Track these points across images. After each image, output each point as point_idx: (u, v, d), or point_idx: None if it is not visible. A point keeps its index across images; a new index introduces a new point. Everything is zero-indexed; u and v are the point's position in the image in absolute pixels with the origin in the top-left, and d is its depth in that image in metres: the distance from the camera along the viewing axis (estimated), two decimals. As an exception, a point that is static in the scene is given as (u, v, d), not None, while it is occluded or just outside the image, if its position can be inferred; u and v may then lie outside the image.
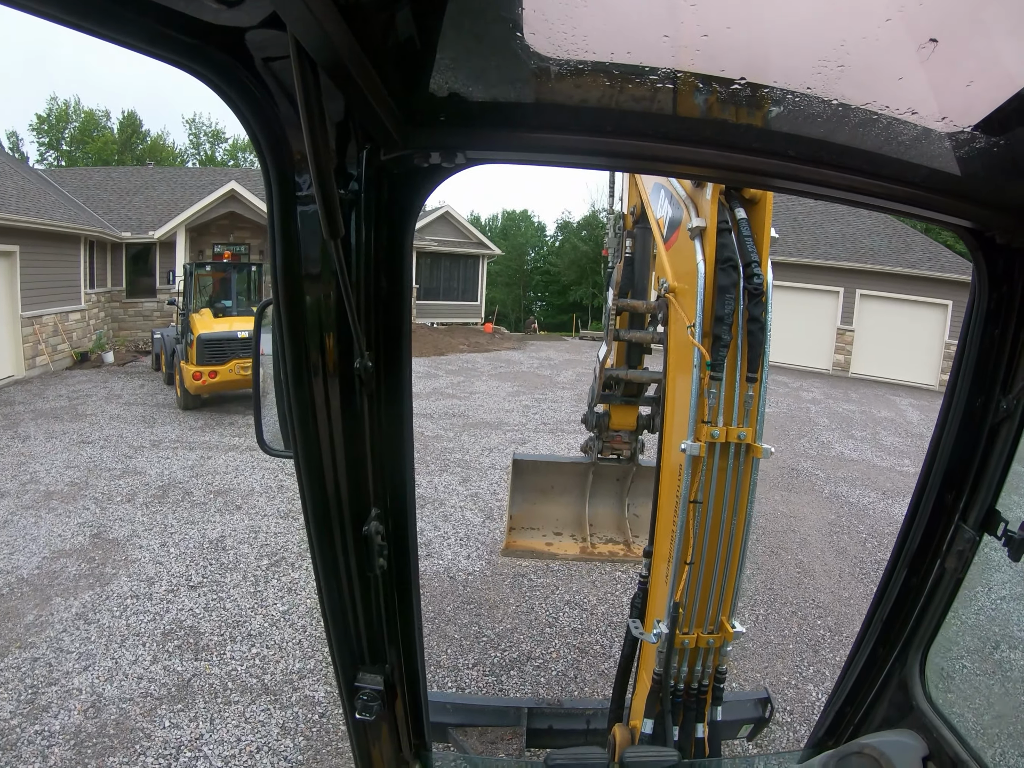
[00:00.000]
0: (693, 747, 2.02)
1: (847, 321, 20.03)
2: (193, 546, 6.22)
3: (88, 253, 16.37)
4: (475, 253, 26.53)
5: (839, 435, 12.14)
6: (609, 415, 3.59)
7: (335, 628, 1.33)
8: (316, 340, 1.06)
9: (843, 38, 0.83)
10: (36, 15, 0.68)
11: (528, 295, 46.34)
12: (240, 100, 0.87)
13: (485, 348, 21.00)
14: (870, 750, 1.57)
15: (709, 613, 1.89)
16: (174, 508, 7.13)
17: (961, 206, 1.22)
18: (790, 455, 10.46)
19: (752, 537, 1.88)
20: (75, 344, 15.48)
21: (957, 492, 1.55)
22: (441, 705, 3.22)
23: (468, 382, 15.27)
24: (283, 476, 8.12)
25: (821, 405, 15.00)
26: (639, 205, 3.23)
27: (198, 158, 42.32)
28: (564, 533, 4.11)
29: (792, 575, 6.23)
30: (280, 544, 6.36)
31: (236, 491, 7.63)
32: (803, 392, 16.42)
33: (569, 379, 16.43)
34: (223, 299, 13.12)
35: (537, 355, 20.54)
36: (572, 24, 0.83)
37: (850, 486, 9.12)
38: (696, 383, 1.71)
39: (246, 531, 6.58)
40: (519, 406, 12.99)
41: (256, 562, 5.96)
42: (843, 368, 19.97)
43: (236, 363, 10.77)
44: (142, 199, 20.47)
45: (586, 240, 41.21)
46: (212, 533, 6.54)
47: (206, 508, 7.13)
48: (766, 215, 1.72)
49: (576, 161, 1.15)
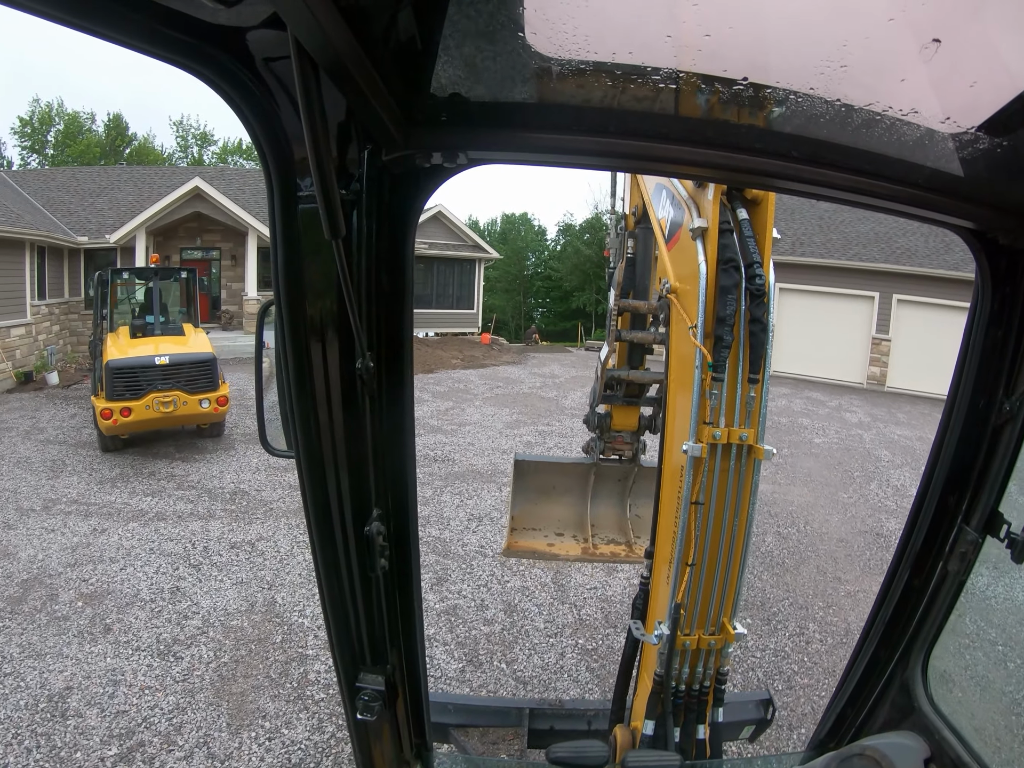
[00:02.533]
0: (694, 748, 2.01)
1: (883, 329, 17.81)
2: (23, 706, 4.10)
3: (36, 260, 14.79)
4: (471, 257, 24.40)
5: (911, 475, 9.85)
6: (611, 416, 3.59)
7: (336, 628, 1.33)
8: (318, 340, 1.06)
9: (846, 38, 0.83)
10: (37, 15, 0.68)
11: (528, 302, 44.97)
12: (241, 100, 0.87)
13: (481, 363, 18.77)
14: (872, 752, 1.56)
15: (710, 614, 1.88)
16: (24, 624, 5.04)
17: (964, 207, 1.21)
18: (866, 509, 8.42)
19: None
20: (19, 363, 13.66)
21: (960, 494, 1.55)
22: (442, 705, 3.22)
23: (458, 408, 12.92)
24: (184, 569, 6.06)
25: (872, 431, 12.90)
26: (641, 205, 3.23)
27: (186, 161, 41.27)
28: (566, 534, 4.10)
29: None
30: (143, 714, 4.07)
31: (115, 596, 5.53)
32: (846, 413, 14.47)
33: (578, 402, 13.78)
34: (146, 315, 10.64)
35: (539, 371, 18.19)
36: (574, 24, 0.83)
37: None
38: (698, 384, 1.71)
39: (103, 681, 4.40)
40: (519, 444, 10.67)
41: (100, 749, 3.77)
42: (878, 381, 17.86)
43: (155, 397, 8.72)
44: (105, 201, 19.00)
45: (589, 243, 39.92)
46: (57, 681, 4.37)
47: (65, 627, 5.02)
48: (768, 216, 1.72)
49: (578, 161, 1.15)
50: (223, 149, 42.93)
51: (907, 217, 1.27)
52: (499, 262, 33.11)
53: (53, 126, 37.68)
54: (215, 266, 19.75)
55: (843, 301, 18.08)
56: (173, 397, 8.87)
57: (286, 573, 6.09)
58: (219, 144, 43.18)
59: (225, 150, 42.74)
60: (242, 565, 6.23)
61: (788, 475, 9.66)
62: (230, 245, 19.26)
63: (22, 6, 0.66)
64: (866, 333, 18.07)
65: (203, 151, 42.67)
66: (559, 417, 12.61)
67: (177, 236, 18.76)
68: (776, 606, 5.87)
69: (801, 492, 9.01)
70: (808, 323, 17.70)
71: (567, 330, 38.63)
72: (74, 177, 20.51)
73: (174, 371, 8.97)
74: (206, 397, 9.20)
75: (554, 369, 18.63)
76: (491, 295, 39.24)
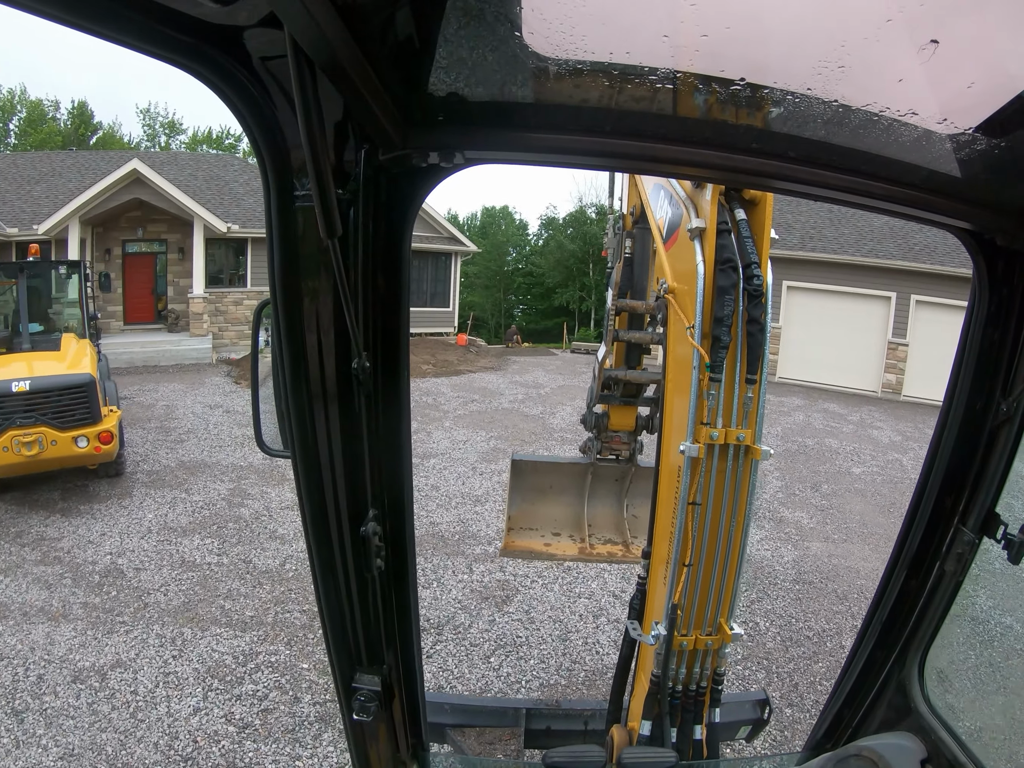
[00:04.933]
0: (691, 749, 2.01)
1: (899, 333, 15.96)
2: None
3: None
4: (446, 250, 22.15)
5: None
6: (608, 416, 3.59)
7: (332, 629, 1.32)
8: (314, 340, 1.06)
9: (843, 39, 0.83)
10: (34, 14, 0.68)
11: (509, 299, 42.66)
12: (238, 99, 0.87)
13: (455, 369, 16.42)
14: (868, 752, 1.57)
15: (707, 615, 1.89)
16: None
17: (961, 208, 1.22)
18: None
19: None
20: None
21: (956, 495, 1.55)
22: (439, 706, 3.22)
23: (423, 432, 10.57)
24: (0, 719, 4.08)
25: (909, 455, 11.16)
26: (639, 205, 3.23)
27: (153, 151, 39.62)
28: (563, 534, 4.11)
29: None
30: None
31: None
32: (872, 430, 13.07)
33: (568, 421, 11.45)
34: (8, 324, 8.43)
35: (521, 378, 15.85)
36: (571, 24, 0.82)
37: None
38: (695, 384, 1.71)
39: None
40: (496, 484, 8.29)
41: None
42: (894, 390, 16.13)
43: (13, 435, 6.50)
44: (44, 188, 16.73)
45: (573, 238, 38.08)
46: None
47: None
48: (766, 216, 1.72)
49: (575, 161, 1.15)
50: (193, 139, 40.51)
51: (904, 218, 1.27)
52: (479, 257, 31.35)
53: (15, 114, 35.80)
54: (161, 260, 17.85)
55: (857, 301, 16.32)
56: (38, 435, 6.62)
57: (137, 739, 3.96)
58: (188, 133, 40.98)
59: (195, 140, 40.47)
60: (80, 717, 4.13)
61: (839, 525, 8.15)
62: (177, 237, 17.16)
63: (20, 5, 0.65)
64: (882, 337, 16.30)
65: (171, 140, 40.43)
66: (546, 442, 10.48)
67: (119, 227, 16.64)
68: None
69: (862, 552, 7.38)
70: (819, 325, 16.46)
71: (549, 329, 36.99)
72: (14, 163, 18.28)
73: (40, 400, 6.73)
74: (83, 434, 6.92)
75: (538, 377, 16.30)
76: (470, 292, 37.72)
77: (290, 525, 7.12)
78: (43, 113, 36.49)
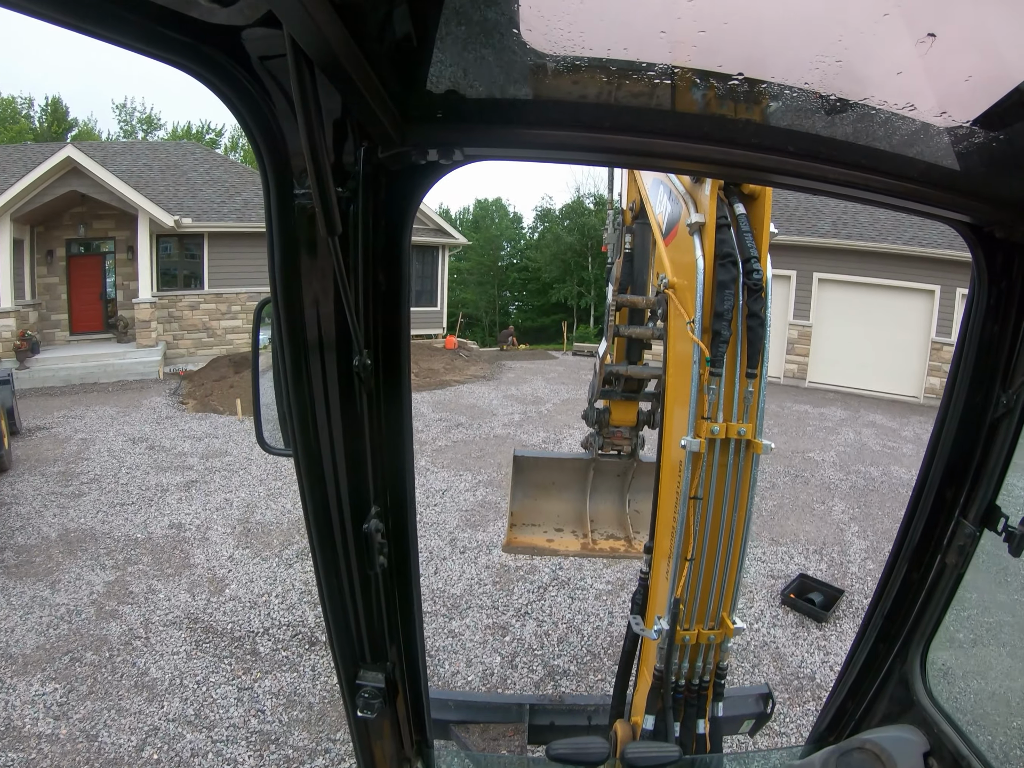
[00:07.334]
0: (695, 743, 2.02)
1: (944, 331, 14.04)
2: None
3: None
4: (433, 243, 19.93)
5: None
6: (609, 411, 3.59)
7: (336, 626, 1.33)
8: (315, 338, 1.06)
9: (841, 33, 0.83)
10: (31, 15, 0.68)
11: (503, 295, 39.80)
12: (237, 99, 0.87)
13: (440, 380, 14.16)
14: (871, 745, 1.57)
15: (710, 609, 1.89)
16: None
17: (960, 201, 1.21)
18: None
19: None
20: None
21: (957, 487, 1.55)
22: (443, 702, 3.24)
23: None
24: None
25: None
26: (638, 201, 3.22)
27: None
28: (565, 529, 4.12)
29: None
30: None
31: None
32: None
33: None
34: None
35: (518, 391, 13.62)
36: (568, 20, 0.82)
37: None
38: (696, 379, 1.71)
39: None
40: (487, 574, 5.81)
41: None
42: (938, 396, 11.66)
43: None
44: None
45: (570, 230, 35.74)
46: None
47: None
48: (765, 210, 1.72)
49: (574, 157, 1.16)
50: (172, 134, 37.97)
51: (903, 211, 1.27)
52: (471, 252, 29.20)
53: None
54: (109, 261, 15.82)
55: (896, 296, 14.41)
56: None
57: None
58: (168, 128, 38.86)
59: (175, 135, 37.91)
60: None
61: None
62: (126, 234, 15.02)
63: (16, 6, 0.65)
64: (924, 336, 14.39)
65: (148, 136, 37.25)
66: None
67: (62, 225, 14.83)
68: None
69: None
70: (854, 322, 14.72)
71: (547, 327, 34.66)
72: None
73: None
74: None
75: (537, 388, 13.93)
76: (462, 288, 35.92)
77: (170, 658, 4.77)
78: (16, 111, 34.87)
